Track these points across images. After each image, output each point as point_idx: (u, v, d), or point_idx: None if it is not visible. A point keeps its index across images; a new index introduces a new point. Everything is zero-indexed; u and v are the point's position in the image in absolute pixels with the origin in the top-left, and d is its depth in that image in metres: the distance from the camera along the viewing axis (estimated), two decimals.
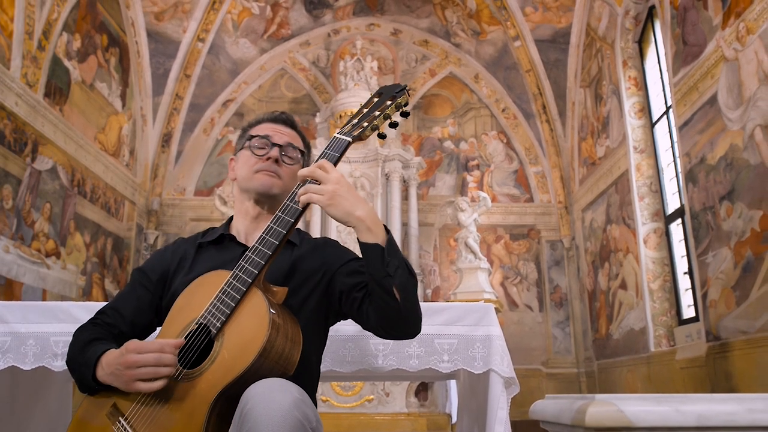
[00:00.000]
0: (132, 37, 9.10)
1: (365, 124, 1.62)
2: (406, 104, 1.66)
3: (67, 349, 2.08)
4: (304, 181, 1.56)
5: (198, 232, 1.97)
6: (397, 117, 1.66)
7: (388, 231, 1.57)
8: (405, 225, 9.07)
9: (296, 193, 1.56)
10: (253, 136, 1.84)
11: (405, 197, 9.24)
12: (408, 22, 10.64)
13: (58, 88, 7.18)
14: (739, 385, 5.28)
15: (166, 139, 10.10)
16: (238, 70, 10.50)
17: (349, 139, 1.60)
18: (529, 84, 10.06)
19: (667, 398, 1.30)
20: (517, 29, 9.63)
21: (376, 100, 1.66)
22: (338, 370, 2.29)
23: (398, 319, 1.56)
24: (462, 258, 8.12)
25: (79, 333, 1.71)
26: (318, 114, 9.63)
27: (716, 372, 5.67)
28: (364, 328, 1.68)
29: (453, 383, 5.90)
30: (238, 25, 10.01)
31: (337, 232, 8.40)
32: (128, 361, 1.45)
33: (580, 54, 9.26)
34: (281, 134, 1.85)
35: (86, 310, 2.31)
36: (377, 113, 1.63)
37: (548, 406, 1.56)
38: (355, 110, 7.54)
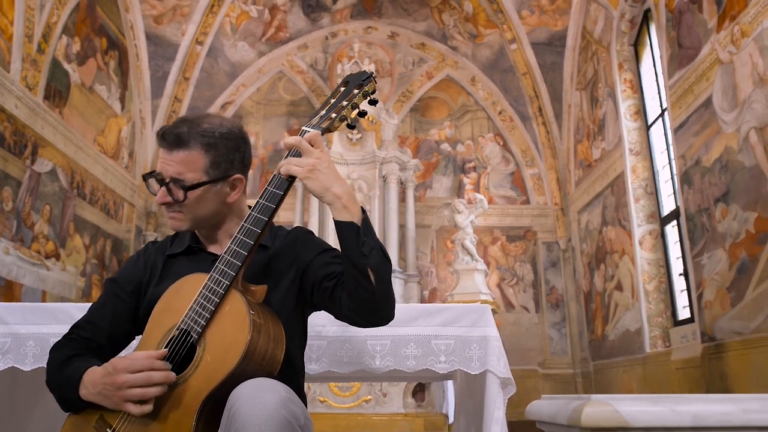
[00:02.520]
0: (131, 40, 9.12)
1: (333, 115, 1.58)
2: (373, 92, 1.61)
3: None
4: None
5: (168, 236, 1.89)
6: (365, 105, 1.62)
7: (364, 211, 1.54)
8: (402, 227, 9.09)
9: (268, 191, 1.54)
10: (146, 177, 1.73)
11: (402, 199, 9.27)
12: (405, 26, 10.67)
13: (57, 91, 7.20)
14: (734, 385, 5.31)
15: None
16: (237, 73, 10.52)
17: (318, 131, 1.56)
18: (526, 87, 10.09)
19: (662, 398, 1.31)
20: (513, 32, 9.67)
21: (342, 89, 1.62)
22: (336, 371, 2.29)
23: (372, 302, 1.52)
24: (459, 259, 8.15)
25: (55, 351, 1.65)
26: None
27: (711, 373, 5.70)
28: (337, 317, 1.64)
29: (450, 384, 5.93)
30: (237, 28, 10.03)
31: (334, 234, 8.41)
32: (118, 381, 1.42)
33: (576, 57, 9.29)
34: (167, 164, 1.65)
35: (85, 311, 2.33)
36: (345, 103, 1.59)
37: (544, 406, 1.57)
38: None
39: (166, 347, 1.49)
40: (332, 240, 8.13)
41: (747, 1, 5.20)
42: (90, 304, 1.83)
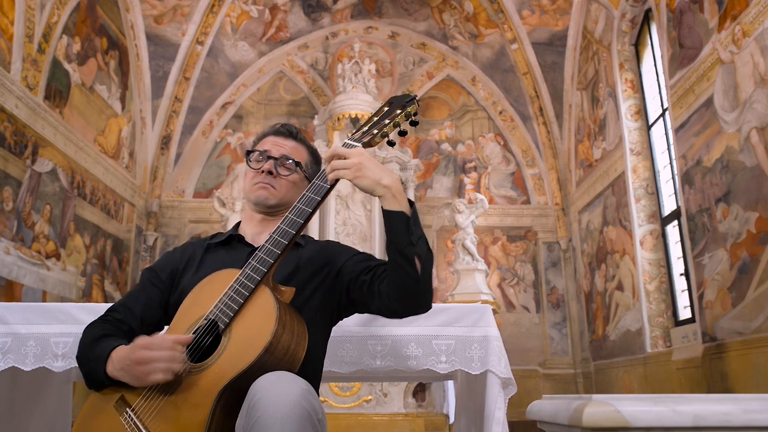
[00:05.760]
0: (131, 40, 9.12)
1: (375, 131, 1.67)
2: (415, 113, 1.70)
3: (67, 350, 2.15)
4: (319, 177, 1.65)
5: (205, 236, 2.06)
6: (406, 126, 1.70)
7: (412, 202, 1.62)
8: None
9: (306, 195, 1.63)
10: (252, 152, 1.93)
11: None
12: (406, 25, 10.66)
13: (58, 91, 7.19)
14: (735, 385, 5.31)
15: (165, 142, 10.12)
16: (237, 73, 10.52)
17: (359, 144, 1.65)
18: (526, 87, 10.09)
19: (663, 398, 1.31)
20: (514, 32, 9.66)
21: (386, 109, 1.70)
22: (336, 371, 2.30)
23: (416, 290, 1.61)
24: (459, 259, 8.14)
25: (89, 329, 1.76)
26: (316, 116, 9.65)
27: (712, 373, 5.70)
28: (373, 309, 1.74)
29: (451, 384, 5.92)
30: (237, 28, 10.03)
31: (335, 234, 8.42)
32: (138, 357, 1.50)
33: (576, 57, 9.29)
34: (279, 147, 1.92)
35: (87, 312, 2.33)
36: (387, 121, 1.67)
37: (545, 406, 1.58)
38: (353, 113, 7.56)
39: (193, 335, 1.57)
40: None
41: (748, 1, 5.19)
42: (92, 304, 1.88)
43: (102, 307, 2.20)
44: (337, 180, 1.61)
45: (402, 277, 1.59)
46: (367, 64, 9.56)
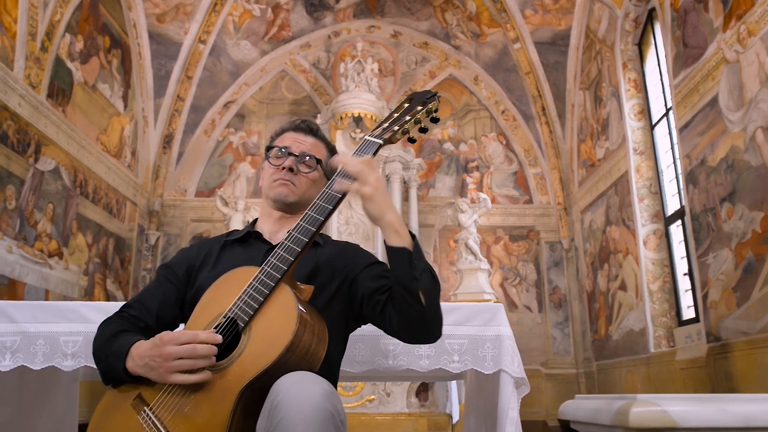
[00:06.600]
0: (134, 39, 9.10)
1: (396, 127, 1.64)
2: (436, 110, 1.68)
3: (76, 348, 2.13)
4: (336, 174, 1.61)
5: (207, 235, 2.02)
6: (427, 123, 1.68)
7: (413, 236, 1.60)
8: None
9: (326, 193, 1.60)
10: (271, 147, 1.91)
11: (405, 198, 9.26)
12: (408, 25, 10.65)
13: (60, 89, 7.18)
14: (740, 386, 5.30)
15: (167, 141, 10.10)
16: (239, 72, 10.50)
17: (380, 141, 1.63)
18: (529, 86, 10.08)
19: (710, 398, 1.30)
20: (516, 31, 9.65)
21: (406, 105, 1.68)
22: (349, 370, 2.28)
23: (422, 323, 1.59)
24: (462, 259, 8.14)
25: (105, 325, 1.73)
26: (318, 115, 9.62)
27: (716, 373, 5.69)
28: (386, 332, 1.69)
29: (453, 384, 5.92)
30: (239, 27, 10.01)
31: (338, 233, 8.40)
32: (165, 353, 1.47)
33: (579, 56, 9.28)
34: (300, 143, 1.90)
35: (95, 310, 2.31)
36: (408, 118, 1.65)
37: (582, 405, 1.55)
38: (356, 112, 7.52)
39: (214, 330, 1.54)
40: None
41: (753, 1, 5.19)
42: (101, 303, 1.86)
43: (111, 306, 2.18)
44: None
45: (407, 310, 1.57)
46: (370, 63, 9.55)
